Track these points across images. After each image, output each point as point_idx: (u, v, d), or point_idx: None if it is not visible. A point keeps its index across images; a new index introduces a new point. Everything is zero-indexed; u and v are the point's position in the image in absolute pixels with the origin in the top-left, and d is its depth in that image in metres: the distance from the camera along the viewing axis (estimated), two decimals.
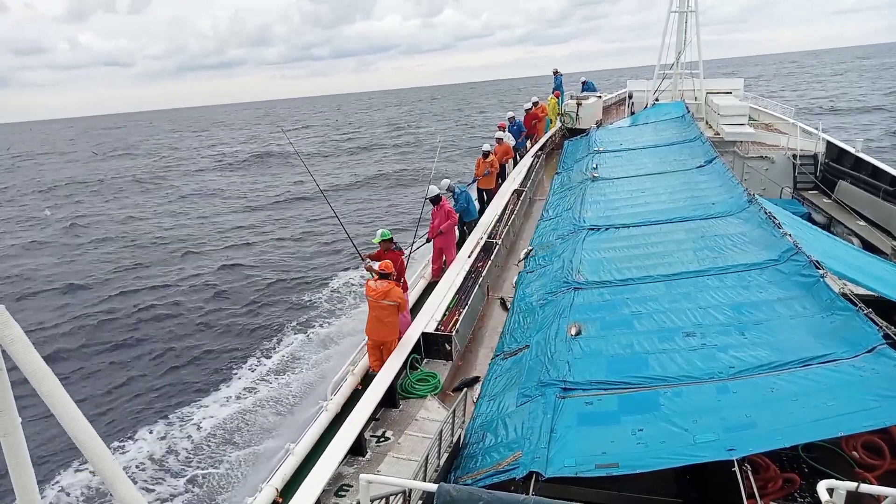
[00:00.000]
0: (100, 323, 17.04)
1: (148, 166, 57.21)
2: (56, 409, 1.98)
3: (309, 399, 11.33)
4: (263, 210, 33.00)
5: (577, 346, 6.64)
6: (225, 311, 17.50)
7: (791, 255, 7.57)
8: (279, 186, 39.18)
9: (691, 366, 5.90)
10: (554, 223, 11.89)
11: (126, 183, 46.42)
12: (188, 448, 10.50)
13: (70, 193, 43.04)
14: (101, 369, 14.09)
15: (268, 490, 5.51)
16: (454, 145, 46.65)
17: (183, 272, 21.60)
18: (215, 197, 38.24)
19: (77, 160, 69.19)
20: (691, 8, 21.22)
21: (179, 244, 26.08)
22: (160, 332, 16.04)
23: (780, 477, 5.44)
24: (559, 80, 23.82)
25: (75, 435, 2.02)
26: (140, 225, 31.10)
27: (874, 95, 57.06)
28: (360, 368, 7.98)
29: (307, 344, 14.34)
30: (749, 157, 17.58)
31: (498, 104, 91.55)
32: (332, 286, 18.69)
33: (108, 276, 21.95)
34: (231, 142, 75.87)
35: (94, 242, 27.60)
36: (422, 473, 4.98)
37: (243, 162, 54.19)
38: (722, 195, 10.69)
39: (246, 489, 8.86)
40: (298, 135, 78.08)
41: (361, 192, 36.09)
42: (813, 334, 6.01)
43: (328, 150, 59.32)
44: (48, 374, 1.96)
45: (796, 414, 4.89)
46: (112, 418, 11.51)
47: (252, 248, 24.73)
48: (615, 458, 4.83)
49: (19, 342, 1.86)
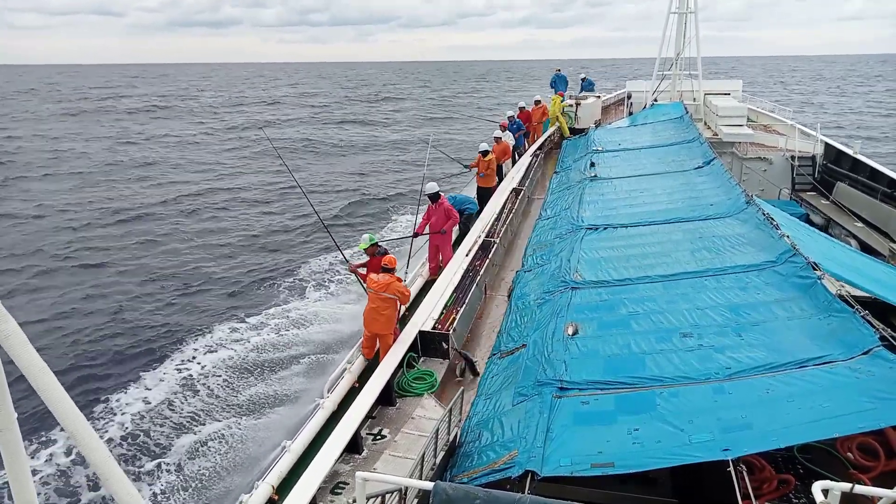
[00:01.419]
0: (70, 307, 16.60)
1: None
2: (53, 404, 1.98)
3: (305, 396, 11.32)
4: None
5: (574, 345, 6.65)
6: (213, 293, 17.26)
7: (789, 256, 7.59)
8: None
9: (688, 366, 5.91)
10: (552, 222, 11.90)
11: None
12: (183, 445, 10.49)
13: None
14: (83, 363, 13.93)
15: (263, 487, 5.50)
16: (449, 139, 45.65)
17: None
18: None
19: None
20: (691, 9, 21.25)
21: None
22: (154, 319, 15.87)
23: (776, 478, 5.46)
24: (562, 79, 23.88)
25: (72, 431, 2.02)
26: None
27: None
28: (356, 366, 7.97)
29: (306, 340, 14.32)
30: (747, 158, 17.61)
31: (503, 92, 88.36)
32: (319, 278, 18.53)
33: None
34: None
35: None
36: (418, 472, 4.98)
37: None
38: (720, 196, 10.70)
39: (242, 486, 8.86)
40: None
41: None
42: (810, 336, 6.03)
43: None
44: (44, 369, 1.95)
45: (792, 415, 4.91)
46: (111, 419, 11.49)
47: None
48: (611, 457, 4.84)
49: (15, 337, 1.85)
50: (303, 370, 12.70)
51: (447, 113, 59.03)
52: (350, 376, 7.71)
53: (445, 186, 13.29)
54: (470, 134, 43.92)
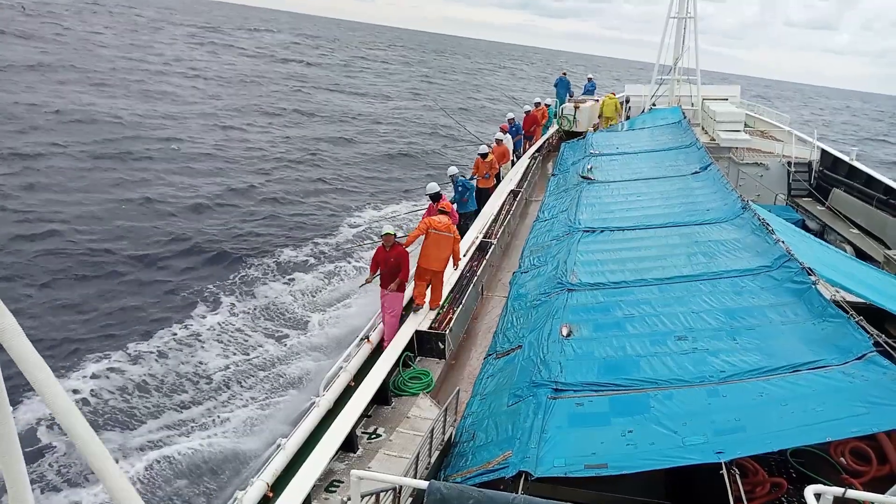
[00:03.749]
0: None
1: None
2: (49, 400, 1.98)
3: (301, 394, 11.31)
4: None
5: (569, 347, 6.67)
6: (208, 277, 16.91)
7: (784, 261, 7.63)
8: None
9: (682, 369, 5.94)
10: (549, 224, 11.93)
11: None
12: (178, 441, 10.46)
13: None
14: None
15: (258, 484, 5.50)
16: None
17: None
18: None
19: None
20: (690, 14, 21.32)
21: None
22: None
23: (768, 481, 5.48)
24: (564, 83, 23.99)
25: (67, 426, 2.01)
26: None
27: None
28: (353, 365, 7.98)
29: (302, 338, 14.30)
30: (744, 163, 17.67)
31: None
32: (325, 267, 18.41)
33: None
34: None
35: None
36: (413, 471, 4.99)
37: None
38: (716, 201, 10.75)
39: (236, 483, 8.85)
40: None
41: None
42: (804, 340, 6.06)
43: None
44: (41, 364, 1.95)
45: (785, 419, 4.94)
46: (109, 419, 11.44)
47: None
48: (604, 458, 4.86)
49: (11, 331, 1.85)
50: (298, 366, 12.70)
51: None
52: (346, 375, 7.71)
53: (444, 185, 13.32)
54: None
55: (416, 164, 30.63)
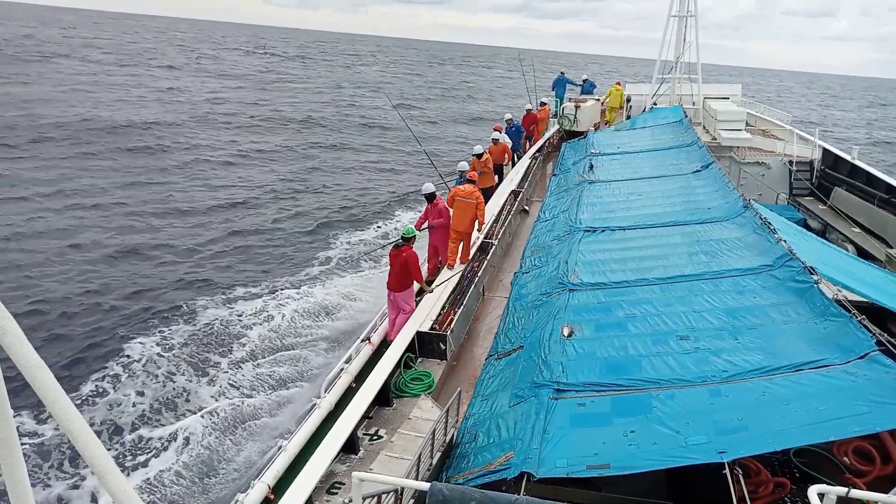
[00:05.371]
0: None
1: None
2: (50, 403, 1.97)
3: (302, 396, 11.31)
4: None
5: (570, 347, 6.66)
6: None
7: (786, 260, 7.61)
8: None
9: (684, 369, 5.93)
10: (550, 224, 11.91)
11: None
12: (178, 442, 10.46)
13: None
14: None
15: (259, 486, 5.50)
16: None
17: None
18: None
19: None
20: (691, 12, 21.29)
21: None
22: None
23: (771, 481, 5.48)
24: (562, 82, 24.03)
25: (69, 429, 2.01)
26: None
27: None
28: (354, 366, 7.98)
29: (302, 336, 14.29)
30: (745, 162, 17.65)
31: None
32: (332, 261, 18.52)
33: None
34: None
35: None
36: (414, 472, 4.98)
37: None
38: (718, 200, 10.73)
39: (238, 485, 8.84)
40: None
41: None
42: (806, 340, 6.04)
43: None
44: (42, 367, 1.95)
45: (788, 418, 4.92)
46: (109, 420, 11.44)
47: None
48: (607, 458, 4.85)
49: (12, 333, 1.84)
50: (297, 367, 12.70)
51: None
52: (347, 376, 7.71)
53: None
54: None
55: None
